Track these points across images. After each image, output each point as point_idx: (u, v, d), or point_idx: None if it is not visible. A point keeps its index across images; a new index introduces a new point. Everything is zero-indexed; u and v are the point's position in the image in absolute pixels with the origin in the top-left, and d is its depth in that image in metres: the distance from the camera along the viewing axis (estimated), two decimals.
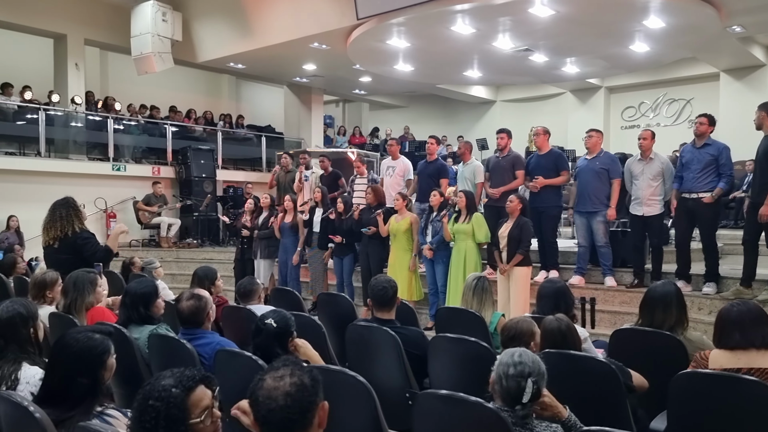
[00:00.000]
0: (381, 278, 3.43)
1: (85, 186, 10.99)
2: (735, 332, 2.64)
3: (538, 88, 16.67)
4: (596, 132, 6.78)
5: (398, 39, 9.49)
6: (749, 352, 2.58)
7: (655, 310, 3.23)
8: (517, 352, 2.10)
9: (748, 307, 2.69)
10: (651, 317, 3.23)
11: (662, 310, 3.21)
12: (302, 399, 1.56)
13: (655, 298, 3.26)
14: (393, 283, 3.41)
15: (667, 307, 3.20)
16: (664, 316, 3.20)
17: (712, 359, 2.64)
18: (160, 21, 10.68)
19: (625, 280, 6.64)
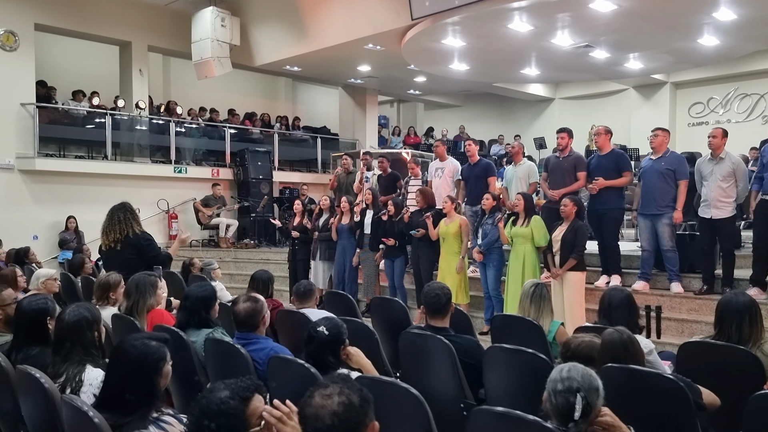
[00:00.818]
0: (434, 285, 3.36)
1: (147, 188, 11.38)
2: None
3: (598, 85, 16.18)
4: (662, 131, 6.48)
5: (453, 38, 9.38)
6: None
7: (732, 323, 3.04)
8: (566, 367, 1.99)
9: None
10: (728, 330, 3.04)
11: (738, 323, 3.01)
12: (350, 419, 1.52)
13: (732, 310, 3.06)
14: (446, 290, 3.33)
15: (743, 320, 3.01)
16: (741, 329, 3.00)
17: None
18: (219, 26, 10.91)
19: (693, 286, 6.33)
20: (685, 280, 6.41)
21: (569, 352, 2.77)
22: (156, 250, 4.72)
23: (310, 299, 4.05)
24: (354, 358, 2.71)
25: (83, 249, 8.95)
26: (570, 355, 2.77)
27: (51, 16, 10.62)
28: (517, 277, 6.44)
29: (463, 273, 7.02)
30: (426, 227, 7.22)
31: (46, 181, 10.29)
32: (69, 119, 11.42)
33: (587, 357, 2.71)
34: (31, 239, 9.74)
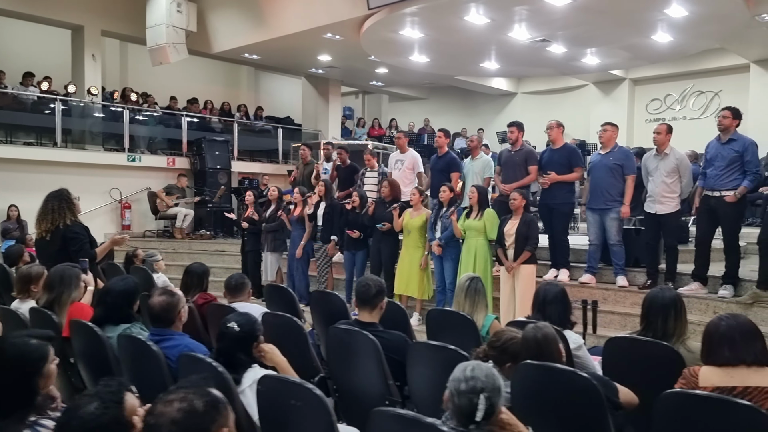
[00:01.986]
0: (368, 276, 3.30)
1: (99, 176, 11.09)
2: (724, 348, 2.45)
3: (559, 80, 16.34)
4: (611, 126, 6.52)
5: (411, 29, 9.30)
6: (739, 369, 2.39)
7: (658, 318, 3.03)
8: (470, 366, 1.94)
9: (738, 321, 2.48)
10: (654, 325, 3.04)
11: (664, 318, 3.01)
12: (190, 427, 1.43)
13: (658, 305, 3.06)
14: (379, 282, 3.27)
15: (669, 315, 3.01)
16: (666, 324, 3.00)
17: (703, 376, 2.46)
18: (175, 12, 10.64)
19: (638, 280, 6.40)
20: (631, 274, 6.49)
21: (498, 343, 2.75)
22: (79, 244, 4.46)
23: (242, 293, 3.95)
24: (268, 355, 2.63)
25: (27, 239, 8.65)
26: (498, 346, 2.74)
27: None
28: (468, 270, 6.39)
29: (426, 267, 6.97)
30: (391, 220, 7.14)
31: None
32: (18, 104, 11.04)
33: (514, 354, 2.68)
34: None
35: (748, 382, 2.38)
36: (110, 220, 11.39)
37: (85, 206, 10.83)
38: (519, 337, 2.71)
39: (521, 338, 2.62)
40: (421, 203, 7.06)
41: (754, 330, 2.48)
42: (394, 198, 7.29)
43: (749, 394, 2.35)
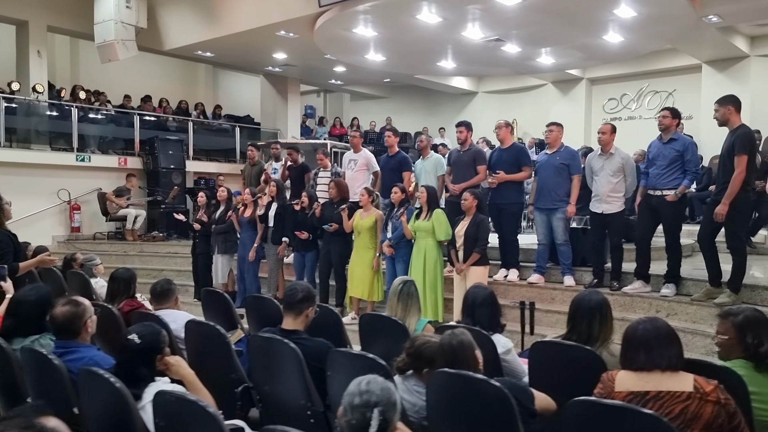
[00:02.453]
0: (299, 282, 3.21)
1: (46, 177, 10.76)
2: (640, 352, 2.42)
3: (519, 80, 16.44)
4: (556, 126, 6.55)
5: (365, 28, 9.21)
6: (654, 373, 2.36)
7: (583, 321, 3.01)
8: (365, 380, 1.87)
9: (655, 326, 2.45)
10: (579, 329, 3.01)
11: (589, 322, 2.99)
12: None
13: (584, 308, 3.04)
14: (308, 289, 3.18)
15: (594, 318, 2.99)
16: (591, 328, 2.98)
17: (619, 381, 2.43)
18: (124, 8, 10.35)
19: (585, 279, 6.43)
20: (578, 274, 6.52)
21: (412, 349, 2.69)
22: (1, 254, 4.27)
23: (168, 300, 3.81)
24: (174, 368, 2.52)
25: None
26: (413, 352, 2.69)
27: None
28: (419, 271, 6.37)
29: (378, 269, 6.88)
30: (340, 221, 7.06)
31: None
32: None
33: (429, 358, 2.63)
34: None
35: (661, 387, 2.36)
36: (58, 222, 11.05)
37: (32, 208, 10.53)
38: (433, 341, 2.66)
39: (438, 345, 2.57)
40: (371, 204, 6.99)
41: (670, 334, 2.45)
42: (342, 198, 7.21)
43: (661, 398, 2.33)
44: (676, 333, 2.49)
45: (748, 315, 2.61)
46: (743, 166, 4.82)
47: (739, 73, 13.13)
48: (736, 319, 2.61)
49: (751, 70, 13.01)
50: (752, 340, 2.54)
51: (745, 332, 2.57)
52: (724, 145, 5.11)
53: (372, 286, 6.87)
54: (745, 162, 4.82)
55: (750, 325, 2.57)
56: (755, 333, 2.55)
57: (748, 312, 2.63)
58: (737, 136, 4.92)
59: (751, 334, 2.55)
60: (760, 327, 2.57)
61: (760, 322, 2.59)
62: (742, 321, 2.59)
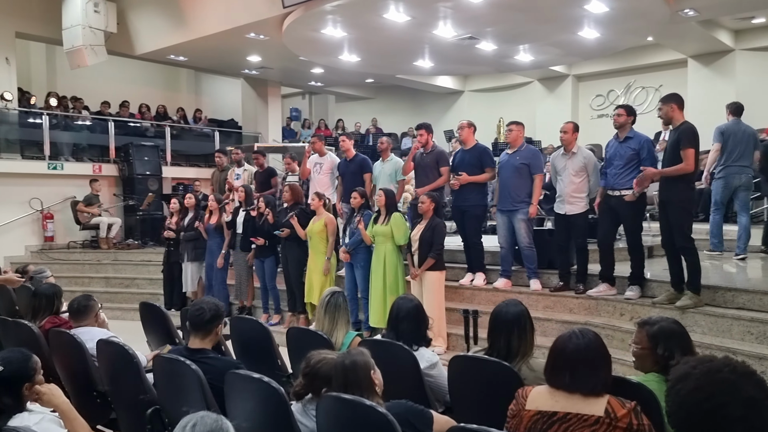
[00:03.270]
0: (205, 299, 3.03)
1: (18, 186, 10.61)
2: (565, 374, 2.21)
3: (505, 78, 16.28)
4: (516, 125, 6.36)
5: (334, 28, 9.05)
6: (573, 396, 2.18)
7: (501, 335, 2.83)
8: (192, 420, 1.69)
9: (587, 342, 2.21)
10: (498, 343, 2.84)
11: (507, 335, 2.81)
12: None
13: (501, 321, 2.86)
14: (215, 307, 3.00)
15: (512, 332, 2.81)
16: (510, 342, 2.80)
17: (531, 399, 2.25)
18: (92, 12, 10.21)
19: (552, 282, 6.25)
20: (545, 277, 6.34)
21: (308, 368, 2.53)
22: None
23: (86, 316, 3.64)
24: (45, 397, 2.34)
25: None
26: (308, 372, 2.52)
27: None
28: (378, 277, 6.22)
29: (330, 274, 6.75)
30: (292, 226, 6.92)
31: None
32: None
33: (325, 376, 2.47)
34: None
35: (570, 408, 2.17)
36: (32, 232, 10.90)
37: (3, 218, 10.39)
38: (329, 357, 2.51)
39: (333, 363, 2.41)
40: (322, 207, 6.83)
41: (601, 356, 2.22)
42: (296, 203, 7.06)
43: (568, 421, 2.15)
44: (608, 354, 2.28)
45: (663, 326, 2.44)
46: (691, 159, 4.77)
47: (724, 67, 12.96)
48: (651, 329, 2.44)
49: (736, 63, 12.83)
50: (663, 351, 2.37)
51: (656, 343, 2.40)
52: (668, 141, 5.00)
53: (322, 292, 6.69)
54: (692, 155, 4.77)
55: (663, 336, 2.40)
56: (667, 345, 2.38)
57: (664, 323, 2.46)
58: (681, 132, 4.85)
59: (662, 346, 2.38)
60: (672, 339, 2.40)
61: (674, 335, 2.42)
62: (656, 331, 2.42)
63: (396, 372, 3.11)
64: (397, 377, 3.12)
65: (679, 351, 2.37)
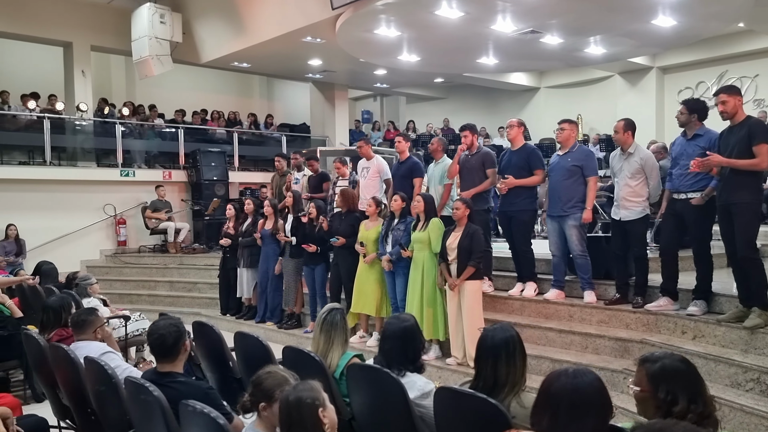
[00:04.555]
0: (159, 323, 2.85)
1: (93, 193, 11.07)
2: (545, 415, 1.88)
3: (583, 72, 15.49)
4: (568, 123, 5.86)
5: (387, 28, 8.81)
6: None
7: (487, 364, 2.48)
8: None
9: (576, 385, 1.85)
10: (484, 373, 2.49)
11: (493, 363, 2.46)
12: None
13: (487, 348, 2.51)
14: (174, 327, 2.81)
15: (498, 359, 2.45)
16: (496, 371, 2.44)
17: None
18: (158, 23, 10.50)
19: (609, 294, 5.70)
20: (601, 288, 5.81)
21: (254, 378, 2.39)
22: None
23: (85, 330, 3.55)
24: None
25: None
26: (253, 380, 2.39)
27: None
28: (415, 288, 5.92)
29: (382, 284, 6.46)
30: (348, 234, 6.70)
31: None
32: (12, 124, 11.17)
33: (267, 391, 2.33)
34: None
35: None
36: (106, 236, 11.35)
37: (79, 223, 10.88)
38: (281, 373, 2.37)
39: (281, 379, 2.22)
40: (378, 214, 6.58)
41: (590, 399, 1.85)
42: (350, 209, 6.85)
43: None
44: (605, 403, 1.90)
45: (666, 365, 2.00)
46: (765, 155, 4.20)
47: None
48: (651, 368, 2.01)
49: None
50: (665, 395, 1.94)
51: (657, 385, 1.97)
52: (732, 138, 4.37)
53: (379, 302, 6.46)
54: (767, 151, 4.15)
55: (665, 378, 1.97)
56: (670, 387, 1.95)
57: (667, 360, 2.02)
58: (752, 126, 4.30)
59: (664, 388, 1.95)
60: (677, 381, 1.96)
61: (679, 375, 1.97)
62: (657, 371, 1.99)
63: (382, 401, 2.83)
64: (383, 407, 2.84)
65: (685, 395, 1.94)
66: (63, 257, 10.27)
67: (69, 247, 10.75)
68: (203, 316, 9.06)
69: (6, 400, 3.66)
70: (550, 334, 5.61)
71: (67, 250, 10.64)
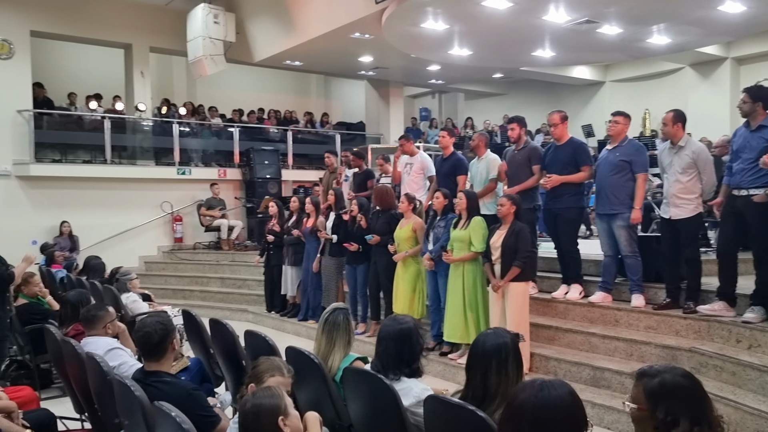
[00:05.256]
0: (146, 320, 2.76)
1: (150, 190, 11.37)
2: (508, 427, 1.69)
3: (651, 65, 14.75)
4: (623, 116, 5.47)
5: (434, 21, 8.58)
6: None
7: (477, 372, 2.26)
8: None
9: (544, 399, 1.64)
10: (474, 382, 2.27)
11: (483, 371, 2.24)
12: None
13: (477, 354, 2.29)
14: (160, 325, 2.71)
15: (488, 367, 2.23)
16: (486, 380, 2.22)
17: None
18: (212, 23, 10.66)
19: (660, 298, 5.30)
20: (651, 291, 5.42)
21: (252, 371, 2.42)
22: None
23: (95, 326, 3.54)
24: None
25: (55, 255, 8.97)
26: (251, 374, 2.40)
27: (47, 22, 10.76)
28: (456, 288, 5.68)
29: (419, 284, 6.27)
30: (384, 233, 6.55)
31: (43, 186, 10.44)
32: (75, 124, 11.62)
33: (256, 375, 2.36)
34: (30, 244, 9.93)
35: None
36: (163, 233, 11.65)
37: (138, 220, 11.20)
38: (274, 359, 2.49)
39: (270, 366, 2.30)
40: (412, 211, 6.38)
41: (556, 418, 1.63)
42: (385, 207, 6.67)
43: None
44: (578, 417, 1.67)
45: (666, 379, 1.72)
46: None
47: None
48: (649, 384, 1.74)
49: None
50: (664, 415, 1.67)
51: (656, 403, 1.70)
52: None
53: (413, 302, 6.26)
54: None
55: (665, 395, 1.70)
56: (670, 406, 1.67)
57: (668, 375, 1.74)
58: None
59: (663, 407, 1.68)
60: (678, 398, 1.68)
61: (681, 392, 1.69)
62: (656, 387, 1.72)
63: (375, 408, 2.65)
64: (376, 413, 2.66)
65: (687, 415, 1.66)
66: (123, 253, 10.64)
67: (129, 243, 11.09)
68: (250, 313, 9.14)
69: (23, 393, 3.70)
70: (594, 340, 5.27)
71: (126, 246, 10.99)
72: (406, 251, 6.20)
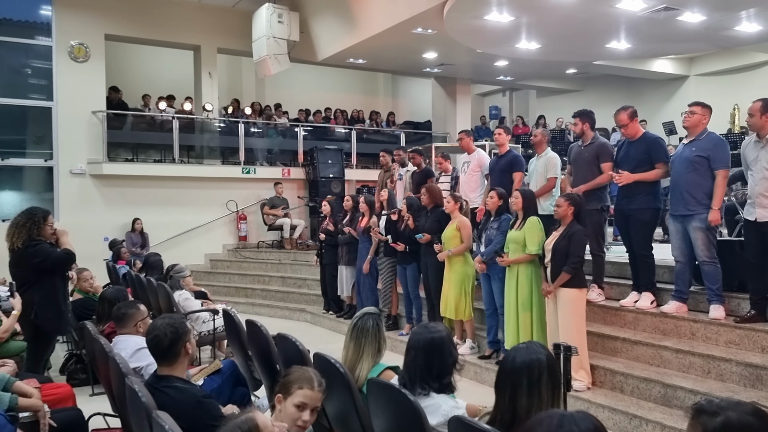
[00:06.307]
0: (157, 322, 2.60)
1: (216, 189, 11.53)
2: None
3: (740, 56, 13.77)
4: (701, 107, 4.95)
5: (499, 13, 8.20)
6: None
7: (506, 391, 1.97)
8: None
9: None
10: (502, 403, 1.98)
11: (512, 391, 1.94)
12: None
13: (506, 372, 1.99)
14: (171, 328, 2.54)
15: (518, 386, 1.93)
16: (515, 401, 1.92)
17: None
18: (276, 23, 10.67)
19: (742, 309, 4.76)
20: (733, 302, 4.88)
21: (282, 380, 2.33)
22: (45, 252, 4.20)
23: (126, 324, 3.45)
24: None
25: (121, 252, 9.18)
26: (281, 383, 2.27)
27: (120, 26, 11.10)
28: (511, 291, 5.35)
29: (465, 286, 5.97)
30: (434, 232, 6.29)
31: (115, 184, 10.77)
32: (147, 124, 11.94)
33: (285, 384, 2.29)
34: (102, 240, 10.25)
35: None
36: (228, 232, 11.79)
37: (204, 218, 11.38)
38: (306, 369, 2.41)
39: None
40: (458, 210, 6.07)
41: None
42: (436, 205, 6.39)
43: None
44: None
45: (731, 418, 1.38)
46: None
47: None
48: (710, 423, 1.40)
49: None
50: None
51: None
52: None
53: (459, 304, 5.95)
54: None
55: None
56: None
57: (733, 413, 1.39)
58: None
59: None
60: None
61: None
62: (718, 428, 1.38)
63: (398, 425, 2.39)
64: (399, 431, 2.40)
65: None
66: (189, 251, 10.84)
67: (195, 241, 11.28)
68: (308, 313, 9.05)
69: (61, 390, 3.66)
70: (666, 354, 4.78)
71: (193, 244, 11.19)
72: (449, 250, 5.90)
